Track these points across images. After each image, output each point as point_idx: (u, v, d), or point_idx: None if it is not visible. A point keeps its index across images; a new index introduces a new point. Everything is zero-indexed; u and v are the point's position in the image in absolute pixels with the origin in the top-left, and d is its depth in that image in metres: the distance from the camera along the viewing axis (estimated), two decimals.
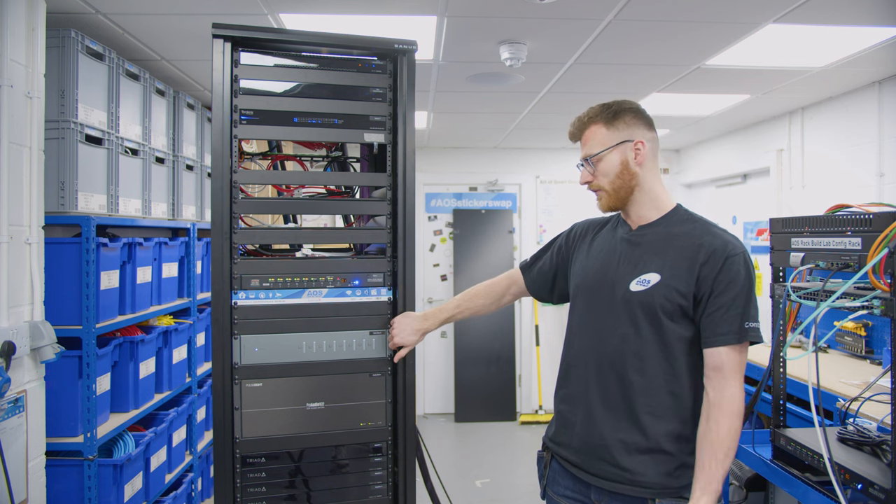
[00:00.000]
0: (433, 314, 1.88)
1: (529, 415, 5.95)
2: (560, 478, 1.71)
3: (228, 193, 1.71)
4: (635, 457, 1.52)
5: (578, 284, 1.72)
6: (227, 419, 1.71)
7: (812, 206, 4.02)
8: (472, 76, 3.43)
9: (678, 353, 1.52)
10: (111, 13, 2.46)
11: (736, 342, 1.46)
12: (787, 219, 1.78)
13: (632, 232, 1.65)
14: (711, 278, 1.49)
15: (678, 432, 1.52)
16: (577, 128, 1.68)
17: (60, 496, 2.28)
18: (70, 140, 2.31)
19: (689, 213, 1.65)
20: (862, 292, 1.47)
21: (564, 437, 1.67)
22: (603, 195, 1.64)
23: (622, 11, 2.48)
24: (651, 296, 1.53)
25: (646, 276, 1.55)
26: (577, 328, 1.68)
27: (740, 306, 1.47)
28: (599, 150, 1.61)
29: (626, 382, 1.54)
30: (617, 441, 1.54)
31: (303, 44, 1.82)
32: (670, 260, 1.54)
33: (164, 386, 3.03)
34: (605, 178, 1.62)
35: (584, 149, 1.66)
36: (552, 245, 1.88)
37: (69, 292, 2.34)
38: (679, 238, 1.56)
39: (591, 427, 1.58)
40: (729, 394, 1.45)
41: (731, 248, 1.51)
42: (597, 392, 1.59)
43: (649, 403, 1.52)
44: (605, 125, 1.62)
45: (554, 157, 6.24)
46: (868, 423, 1.85)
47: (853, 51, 2.95)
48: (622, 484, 1.53)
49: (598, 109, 1.65)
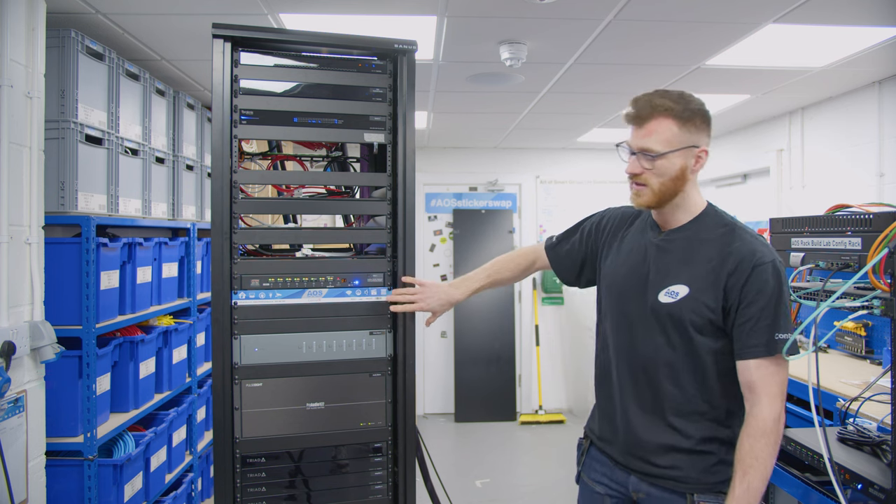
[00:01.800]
0: (463, 284, 1.89)
1: (529, 415, 5.95)
2: (597, 465, 1.71)
3: (228, 193, 1.71)
4: (672, 456, 1.53)
5: (609, 286, 1.69)
6: (227, 419, 1.71)
7: (812, 206, 4.02)
8: (472, 76, 3.43)
9: (709, 364, 1.50)
10: (111, 13, 2.46)
11: (766, 355, 1.42)
12: (787, 219, 1.78)
13: (661, 237, 1.59)
14: (738, 288, 1.44)
15: (712, 435, 1.51)
16: (644, 111, 1.49)
17: (60, 496, 2.28)
18: (70, 140, 2.31)
19: (720, 215, 1.57)
20: (862, 292, 1.47)
21: (607, 434, 1.67)
22: (646, 192, 1.52)
23: (622, 11, 2.48)
24: (680, 309, 1.49)
25: (674, 288, 1.51)
26: (612, 330, 1.67)
27: (769, 317, 1.42)
28: (665, 149, 1.47)
29: (659, 389, 1.54)
30: (653, 443, 1.55)
31: (303, 44, 1.82)
32: (699, 271, 1.50)
33: (164, 386, 3.03)
34: (657, 178, 1.50)
35: (645, 139, 1.49)
36: (580, 228, 1.84)
37: (69, 292, 2.34)
38: (707, 245, 1.51)
39: (628, 427, 1.59)
40: (756, 412, 1.42)
41: (760, 257, 1.44)
42: (632, 395, 1.59)
43: (682, 410, 1.52)
44: (677, 122, 1.48)
45: (554, 157, 6.24)
46: (868, 423, 1.85)
47: (853, 51, 2.95)
48: (661, 479, 1.54)
49: (674, 101, 1.48)
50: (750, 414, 1.43)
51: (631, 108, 1.52)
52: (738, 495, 1.39)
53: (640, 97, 1.51)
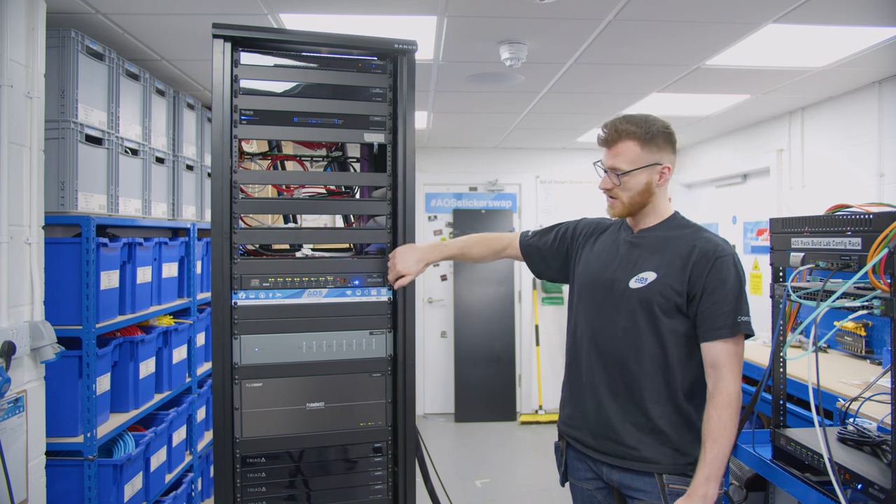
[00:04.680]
0: (436, 247, 1.97)
1: (529, 415, 5.95)
2: (578, 463, 1.82)
3: (228, 193, 1.72)
4: (639, 436, 1.66)
5: (582, 281, 1.84)
6: (227, 419, 1.71)
7: (812, 206, 4.02)
8: (472, 76, 3.43)
9: (671, 346, 1.65)
10: (111, 13, 2.46)
11: (730, 336, 1.59)
12: (787, 219, 1.77)
13: (633, 235, 1.78)
14: (703, 277, 1.62)
15: (673, 414, 1.65)
16: (611, 136, 1.71)
17: (60, 496, 2.28)
18: (70, 140, 2.31)
19: (685, 219, 1.79)
20: (862, 292, 1.46)
21: (578, 421, 1.79)
22: (617, 205, 1.74)
23: (622, 11, 2.48)
24: (648, 292, 1.66)
25: (643, 275, 1.68)
26: (583, 321, 1.80)
27: (731, 302, 1.60)
28: (630, 167, 1.68)
29: (627, 371, 1.68)
30: (623, 422, 1.68)
31: (303, 44, 1.82)
32: (666, 259, 1.68)
33: (164, 386, 3.03)
34: (626, 193, 1.71)
35: (613, 159, 1.70)
36: (555, 229, 2.00)
37: (69, 292, 2.33)
38: (674, 241, 1.70)
39: (599, 411, 1.72)
40: (722, 386, 1.58)
41: (721, 250, 1.64)
42: (603, 380, 1.72)
43: (647, 389, 1.66)
44: (640, 144, 1.68)
45: (554, 157, 6.24)
46: (868, 423, 1.85)
47: (853, 51, 2.95)
48: (631, 461, 1.67)
49: (636, 125, 1.68)
50: (716, 388, 1.59)
51: (601, 132, 1.73)
52: (709, 460, 1.55)
53: (609, 123, 1.73)
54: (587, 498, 1.81)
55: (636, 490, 1.67)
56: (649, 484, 1.64)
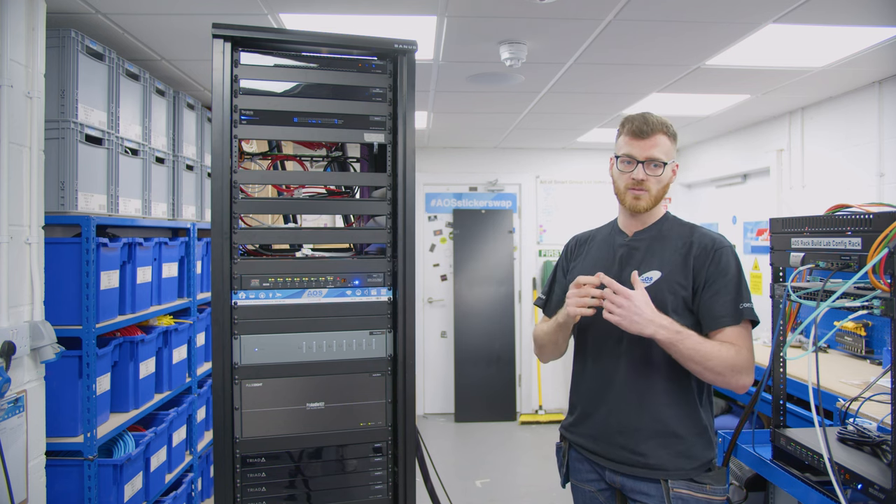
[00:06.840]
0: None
1: (529, 415, 5.95)
2: (580, 465, 1.81)
3: (228, 193, 1.72)
4: (649, 441, 1.64)
5: None
6: (227, 419, 1.71)
7: (812, 206, 4.02)
8: (472, 76, 3.43)
9: None
10: (111, 13, 2.46)
11: (735, 323, 1.61)
12: (787, 219, 1.77)
13: (629, 238, 1.79)
14: (704, 269, 1.65)
15: (684, 416, 1.66)
16: (650, 127, 1.71)
17: (60, 496, 2.28)
18: (70, 140, 2.31)
19: (679, 218, 1.83)
20: (862, 292, 1.46)
21: (584, 428, 1.78)
22: (646, 196, 1.73)
23: (622, 11, 2.48)
24: (657, 290, 1.65)
25: (648, 274, 1.69)
26: (591, 326, 1.77)
27: (732, 291, 1.63)
28: (667, 160, 1.72)
29: (639, 375, 1.68)
30: (633, 428, 1.66)
31: (303, 44, 1.82)
32: (667, 257, 1.70)
33: (164, 386, 3.03)
34: (657, 185, 1.72)
35: (652, 150, 1.70)
36: (556, 269, 1.96)
37: (69, 292, 2.33)
38: (672, 239, 1.74)
39: (609, 418, 1.70)
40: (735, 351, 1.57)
41: (719, 243, 1.69)
42: (613, 385, 1.71)
43: (658, 391, 1.66)
44: (670, 139, 1.73)
45: (554, 157, 6.24)
46: (868, 423, 1.85)
47: (853, 51, 2.95)
48: (638, 468, 1.65)
49: (664, 122, 1.73)
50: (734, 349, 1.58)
51: (636, 124, 1.72)
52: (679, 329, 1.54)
53: (637, 116, 1.73)
54: (589, 499, 1.80)
55: (640, 493, 1.66)
56: (654, 488, 1.64)
